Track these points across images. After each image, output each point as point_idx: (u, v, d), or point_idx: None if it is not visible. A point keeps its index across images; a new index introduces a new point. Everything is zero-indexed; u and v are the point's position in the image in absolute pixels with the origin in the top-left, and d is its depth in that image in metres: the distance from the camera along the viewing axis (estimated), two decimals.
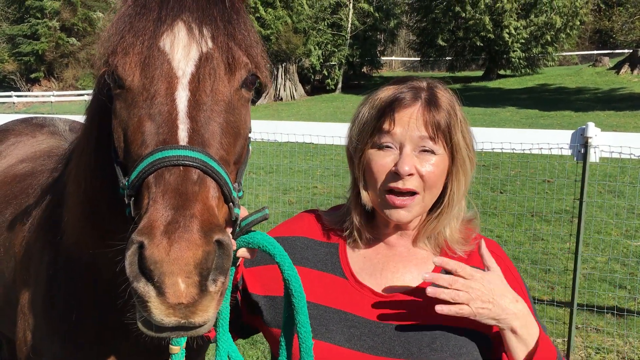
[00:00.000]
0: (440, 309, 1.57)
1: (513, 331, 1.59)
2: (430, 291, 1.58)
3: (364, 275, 1.77)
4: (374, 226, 1.83)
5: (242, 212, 1.51)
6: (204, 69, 1.38)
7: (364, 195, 1.76)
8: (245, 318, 1.89)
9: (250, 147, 1.60)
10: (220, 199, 1.30)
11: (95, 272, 1.92)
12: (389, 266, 1.78)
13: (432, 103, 1.70)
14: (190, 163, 1.25)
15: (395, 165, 1.67)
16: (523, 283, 1.80)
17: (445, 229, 1.78)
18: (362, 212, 1.80)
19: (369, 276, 1.77)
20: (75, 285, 1.98)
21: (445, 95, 1.75)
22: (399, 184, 1.67)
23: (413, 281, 1.74)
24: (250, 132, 1.57)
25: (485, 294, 1.57)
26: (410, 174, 1.66)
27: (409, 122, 1.68)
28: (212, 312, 1.19)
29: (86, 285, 1.96)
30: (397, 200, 1.68)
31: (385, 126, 1.69)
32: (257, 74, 1.49)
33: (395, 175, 1.67)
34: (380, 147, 1.71)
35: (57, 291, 2.01)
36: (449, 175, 1.74)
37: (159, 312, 1.15)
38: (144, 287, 1.15)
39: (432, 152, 1.69)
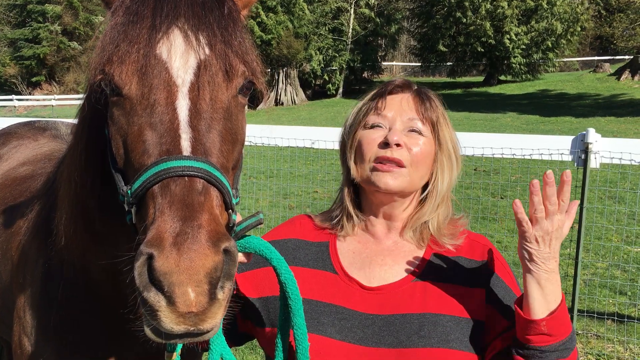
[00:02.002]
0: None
1: (539, 281, 1.58)
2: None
3: (353, 270, 1.83)
4: (363, 214, 1.90)
5: (237, 217, 1.51)
6: (202, 76, 1.38)
7: (353, 168, 1.85)
8: (239, 323, 1.91)
9: (243, 152, 1.61)
10: (222, 206, 1.32)
11: (88, 276, 1.93)
12: (377, 260, 1.83)
13: (421, 94, 1.85)
14: (195, 173, 1.27)
15: (385, 137, 1.77)
16: (512, 274, 1.85)
17: (432, 222, 1.83)
18: (353, 190, 1.89)
19: (358, 270, 1.83)
20: (69, 289, 1.98)
21: (433, 96, 1.89)
22: (387, 152, 1.76)
23: (401, 272, 1.80)
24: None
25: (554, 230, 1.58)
26: (399, 145, 1.75)
27: (400, 103, 1.82)
28: (220, 317, 1.22)
29: (79, 289, 1.96)
30: (385, 165, 1.76)
31: (378, 104, 1.83)
32: (253, 80, 1.50)
33: (384, 145, 1.77)
34: (372, 127, 1.83)
35: (51, 294, 2.01)
36: (434, 164, 1.83)
37: (169, 321, 1.17)
38: (154, 297, 1.17)
39: (420, 133, 1.80)
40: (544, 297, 1.57)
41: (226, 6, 1.49)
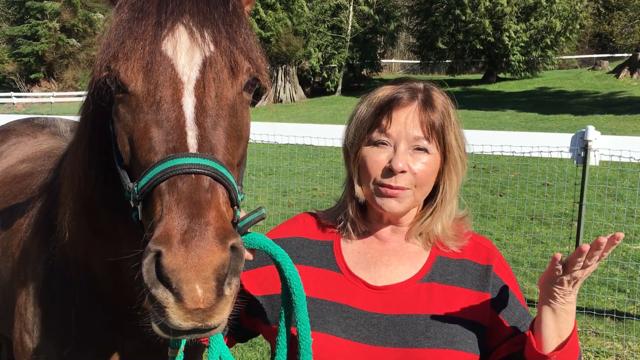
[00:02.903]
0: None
1: (554, 310, 1.58)
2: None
3: (359, 269, 1.82)
4: (368, 221, 1.88)
5: (240, 213, 1.52)
6: (208, 74, 1.39)
7: (358, 189, 1.82)
8: (244, 321, 1.90)
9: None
10: (228, 203, 1.33)
11: (90, 273, 1.93)
12: (383, 260, 1.83)
13: (427, 104, 1.76)
14: (202, 171, 1.28)
15: (390, 162, 1.72)
16: (515, 279, 1.85)
17: (437, 226, 1.82)
18: (357, 204, 1.85)
19: (363, 270, 1.82)
20: (71, 286, 1.98)
21: (440, 98, 1.81)
22: (392, 182, 1.72)
23: (406, 273, 1.80)
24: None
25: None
26: (403, 171, 1.71)
27: (405, 122, 1.74)
28: (227, 313, 1.23)
29: (82, 286, 1.96)
30: (390, 190, 1.73)
31: (383, 123, 1.75)
32: (258, 77, 1.50)
33: (388, 171, 1.73)
34: (376, 144, 1.77)
35: (53, 291, 2.01)
36: (440, 175, 1.80)
37: (177, 317, 1.18)
38: (162, 294, 1.17)
39: (426, 150, 1.74)
40: (556, 325, 1.58)
41: (231, 2, 1.49)
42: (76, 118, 1.83)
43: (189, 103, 1.36)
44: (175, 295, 1.16)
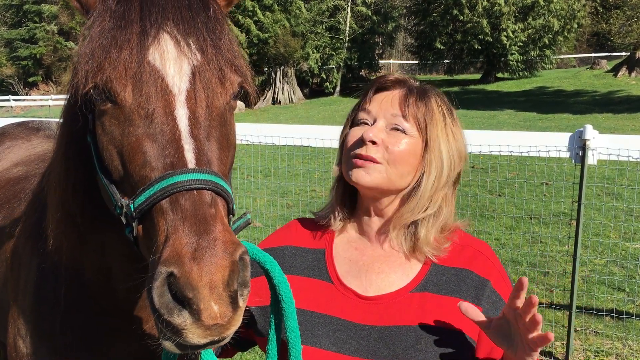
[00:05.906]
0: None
1: None
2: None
3: (350, 278, 1.78)
4: (357, 218, 1.86)
5: None
6: (198, 84, 1.36)
7: (335, 168, 1.85)
8: (242, 332, 1.88)
9: None
10: (226, 214, 1.32)
11: (80, 277, 1.92)
12: (374, 267, 1.78)
13: (412, 92, 1.77)
14: (203, 186, 1.26)
15: (362, 134, 1.73)
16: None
17: (421, 230, 1.74)
18: (343, 191, 1.86)
19: (354, 278, 1.78)
20: (62, 291, 1.97)
21: (432, 94, 1.79)
22: (362, 150, 1.72)
23: (398, 282, 1.74)
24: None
25: None
26: (374, 142, 1.71)
27: (384, 100, 1.77)
28: (239, 322, 1.22)
29: (73, 290, 1.95)
30: (359, 160, 1.73)
31: (365, 101, 1.80)
32: (244, 84, 1.48)
33: (360, 142, 1.73)
34: (358, 123, 1.80)
35: (45, 296, 2.00)
36: (421, 162, 1.74)
37: (196, 336, 1.17)
38: (178, 318, 1.16)
39: (404, 132, 1.73)
40: None
41: (212, 9, 1.46)
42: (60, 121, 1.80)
43: (182, 115, 1.33)
44: (193, 314, 1.15)
